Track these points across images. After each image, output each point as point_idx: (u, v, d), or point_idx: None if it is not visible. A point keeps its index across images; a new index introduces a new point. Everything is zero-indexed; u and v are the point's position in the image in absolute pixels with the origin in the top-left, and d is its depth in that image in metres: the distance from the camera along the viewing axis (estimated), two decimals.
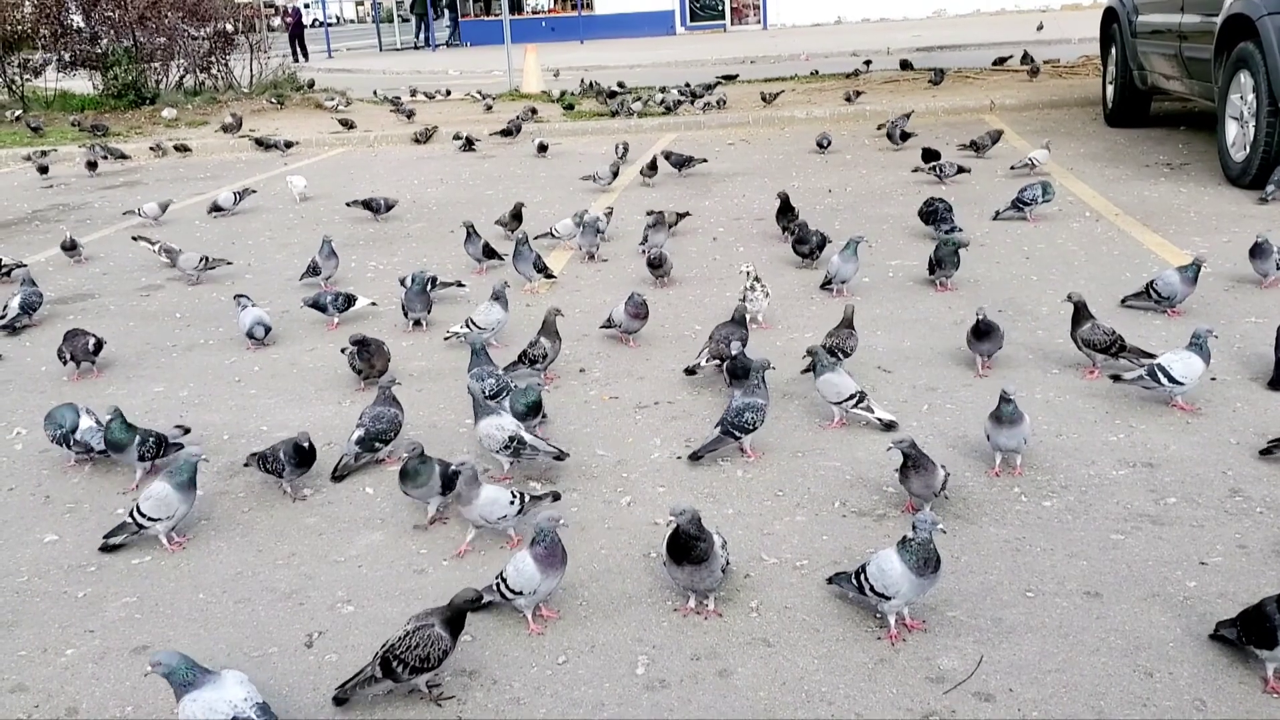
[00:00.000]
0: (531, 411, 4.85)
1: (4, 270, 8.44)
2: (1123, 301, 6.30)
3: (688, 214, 8.94)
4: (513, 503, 4.02)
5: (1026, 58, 18.10)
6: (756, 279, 6.32)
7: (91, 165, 13.65)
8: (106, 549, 4.23)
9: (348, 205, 10.14)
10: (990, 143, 11.07)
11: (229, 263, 8.38)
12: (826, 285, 6.96)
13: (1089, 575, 3.67)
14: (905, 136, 11.94)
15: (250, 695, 3.00)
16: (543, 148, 13.17)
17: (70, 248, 8.84)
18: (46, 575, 4.10)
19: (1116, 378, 5.12)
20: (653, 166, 11.12)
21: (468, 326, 6.23)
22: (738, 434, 4.64)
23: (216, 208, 10.66)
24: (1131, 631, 3.38)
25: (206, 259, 8.15)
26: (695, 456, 4.69)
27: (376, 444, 4.78)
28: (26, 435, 5.45)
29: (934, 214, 8.09)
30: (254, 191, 11.17)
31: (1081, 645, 3.33)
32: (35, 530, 4.47)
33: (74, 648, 3.64)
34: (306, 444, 4.56)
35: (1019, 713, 3.06)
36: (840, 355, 5.44)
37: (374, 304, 7.10)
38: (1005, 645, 3.36)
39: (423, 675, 3.20)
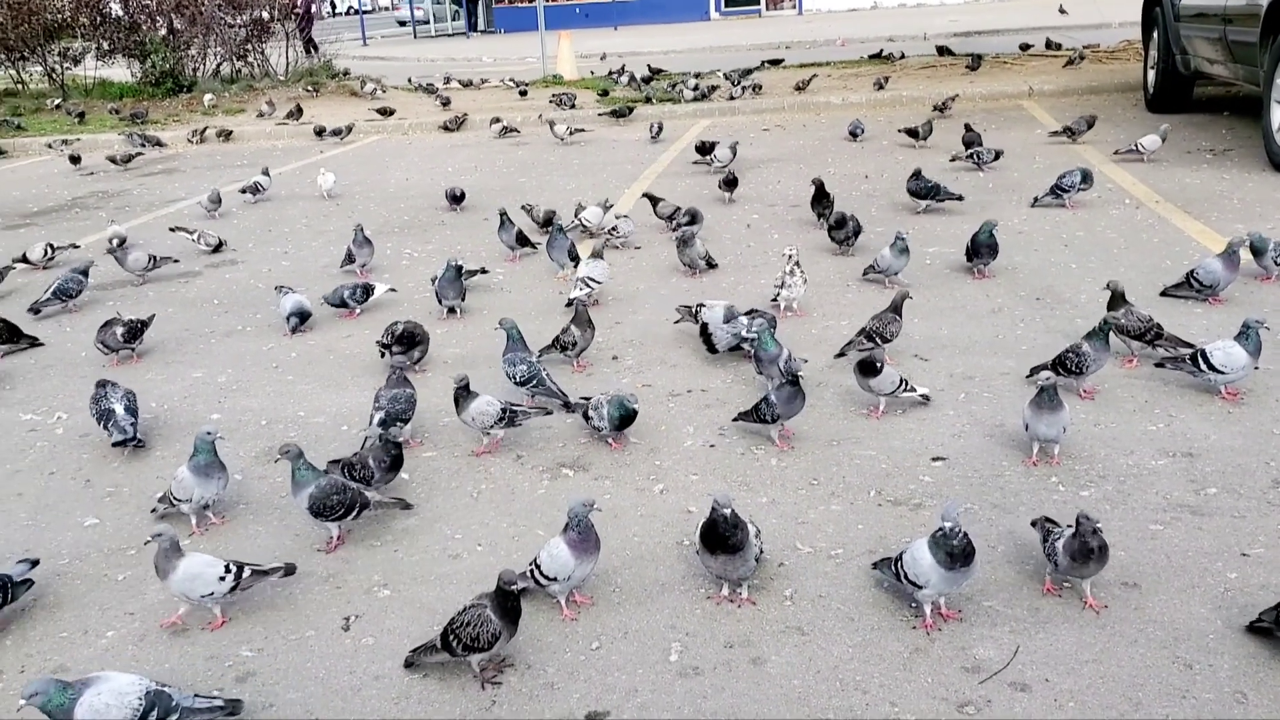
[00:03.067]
0: (625, 421, 4.72)
1: (49, 257, 8.54)
2: (1162, 292, 6.21)
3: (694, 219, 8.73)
4: (223, 578, 3.59)
5: (1051, 44, 17.88)
6: (797, 263, 6.29)
7: (116, 160, 13.54)
8: (156, 514, 4.42)
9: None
10: (1086, 127, 10.89)
11: (175, 260, 8.34)
12: (869, 273, 6.90)
13: (1127, 566, 3.63)
14: (916, 135, 11.63)
15: (139, 679, 3.05)
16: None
17: (119, 244, 8.91)
18: (87, 558, 4.16)
19: (1161, 364, 5.06)
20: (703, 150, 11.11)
21: (587, 284, 6.58)
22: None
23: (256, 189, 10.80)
24: (1170, 623, 3.35)
25: (154, 258, 8.06)
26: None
27: (397, 423, 4.81)
28: (67, 420, 5.52)
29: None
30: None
31: (1119, 636, 3.30)
32: (76, 514, 4.53)
33: (114, 630, 3.69)
34: (395, 447, 4.42)
35: (1055, 703, 3.04)
36: (879, 340, 5.42)
37: (393, 290, 7.13)
38: (1042, 635, 3.33)
39: (475, 655, 3.23)
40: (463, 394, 4.73)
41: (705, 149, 11.09)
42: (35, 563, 3.87)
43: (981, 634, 3.36)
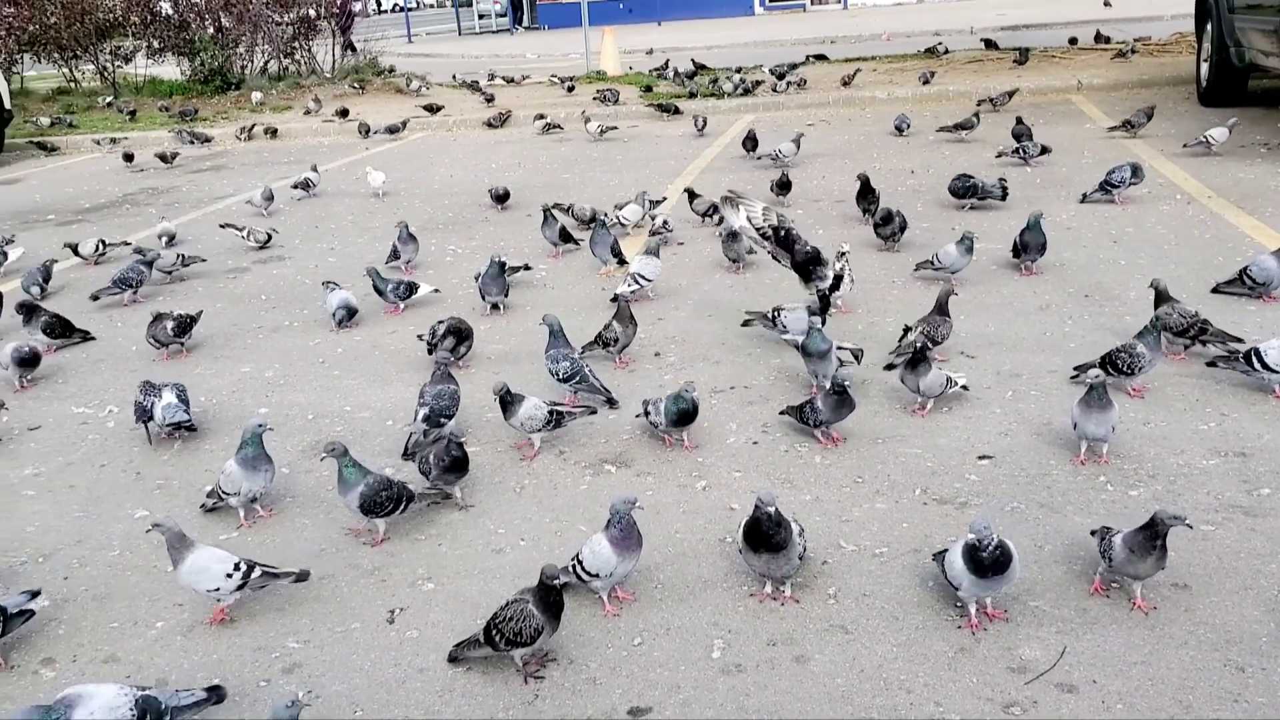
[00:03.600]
0: (684, 419, 4.67)
1: (101, 253, 8.67)
2: (1214, 288, 6.11)
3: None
4: (230, 575, 3.62)
5: (1100, 36, 17.65)
6: (847, 262, 6.24)
7: (165, 157, 13.70)
8: (206, 509, 4.48)
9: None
10: (1145, 120, 10.73)
11: (203, 259, 8.37)
12: (923, 268, 6.74)
13: (1177, 567, 3.57)
14: (967, 127, 11.53)
15: (122, 688, 3.01)
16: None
17: (170, 239, 9.03)
18: (137, 550, 4.22)
19: (1213, 363, 4.98)
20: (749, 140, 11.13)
21: (635, 281, 6.58)
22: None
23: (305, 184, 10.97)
24: (1222, 625, 3.29)
25: (182, 256, 8.15)
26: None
27: (441, 419, 4.84)
28: (118, 413, 5.61)
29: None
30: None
31: (1169, 638, 3.26)
32: (126, 506, 4.61)
33: (164, 620, 3.74)
34: (459, 448, 4.33)
35: (1103, 705, 3.00)
36: (929, 344, 5.37)
37: (436, 290, 7.11)
38: (1089, 636, 3.29)
39: (517, 649, 3.24)
40: (508, 398, 4.71)
41: (754, 143, 11.06)
42: (36, 594, 3.76)
43: (1028, 634, 3.33)
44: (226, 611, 3.71)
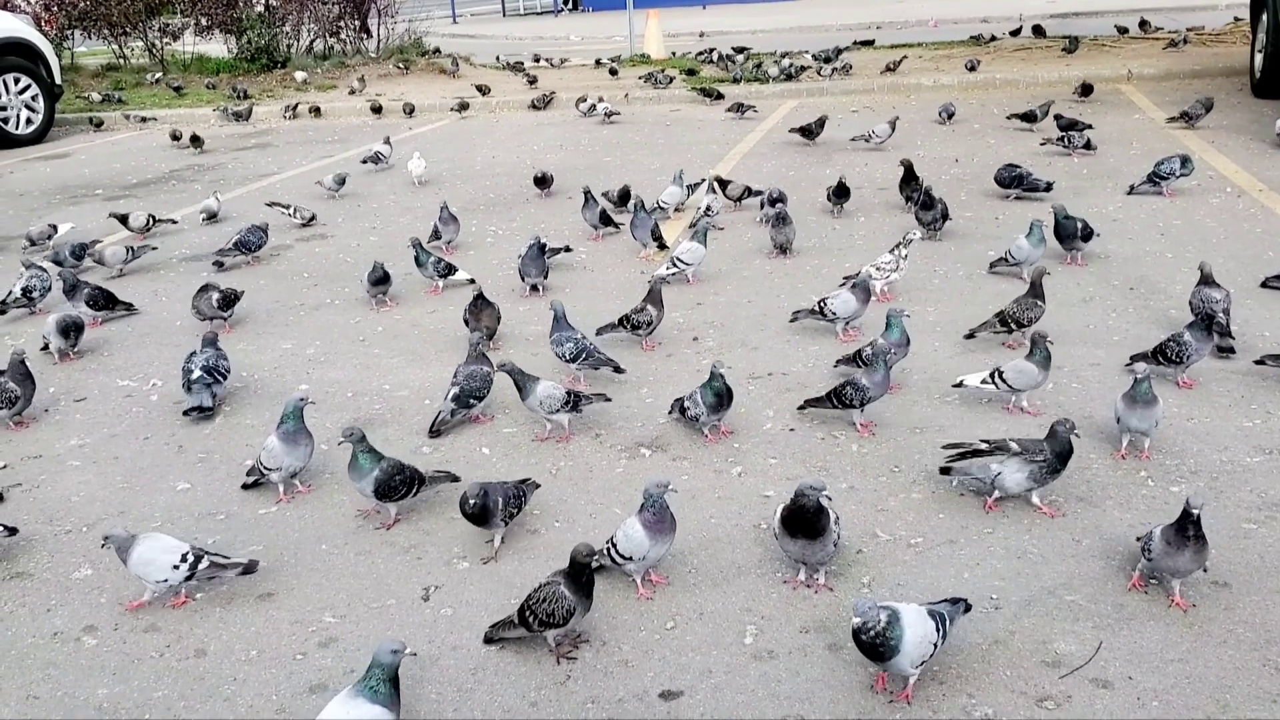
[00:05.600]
0: (721, 402, 4.59)
1: (149, 227, 8.77)
2: (1263, 283, 6.02)
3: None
4: (177, 567, 3.63)
5: (1145, 24, 17.36)
6: (906, 248, 6.19)
7: (195, 140, 13.27)
8: (246, 487, 4.52)
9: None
10: (1204, 111, 10.52)
11: (155, 248, 8.24)
12: (998, 265, 6.59)
13: (1218, 564, 3.53)
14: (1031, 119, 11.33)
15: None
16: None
17: (210, 216, 9.12)
18: (179, 522, 4.28)
19: (1261, 361, 4.91)
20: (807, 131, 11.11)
21: (675, 265, 6.62)
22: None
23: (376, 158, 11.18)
24: (1262, 624, 3.25)
25: (131, 249, 7.96)
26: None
27: (471, 400, 4.86)
28: (162, 386, 5.68)
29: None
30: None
31: (1207, 636, 3.22)
32: (169, 478, 4.67)
33: (203, 592, 3.79)
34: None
35: (1138, 701, 2.97)
36: (1014, 326, 5.35)
37: (472, 280, 6.96)
38: (1126, 632, 3.26)
39: (550, 630, 3.26)
40: (519, 379, 4.67)
41: (807, 131, 10.99)
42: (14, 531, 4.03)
43: (1063, 628, 3.30)
44: (188, 597, 3.73)
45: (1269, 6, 11.57)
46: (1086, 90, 12.50)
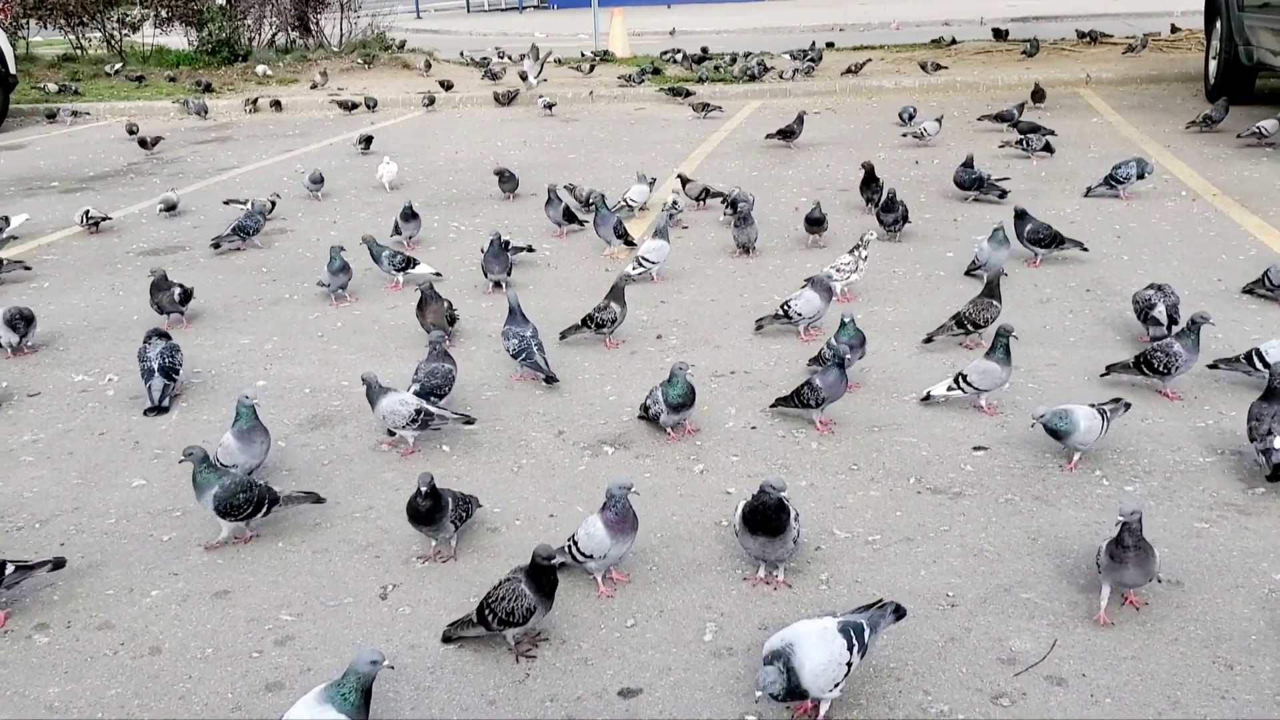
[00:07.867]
0: (683, 402, 4.58)
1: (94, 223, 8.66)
2: (1245, 289, 6.06)
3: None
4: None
5: (1082, 33, 17.57)
6: (866, 248, 6.21)
7: (143, 143, 12.48)
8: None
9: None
10: (1224, 114, 10.50)
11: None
12: (974, 270, 6.55)
13: (1170, 563, 3.58)
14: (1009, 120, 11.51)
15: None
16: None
17: (169, 208, 9.02)
18: (133, 518, 4.23)
19: (1215, 365, 4.97)
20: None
21: (640, 264, 6.65)
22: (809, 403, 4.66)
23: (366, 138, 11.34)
24: (1212, 622, 3.31)
25: None
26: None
27: (431, 398, 4.84)
28: (118, 381, 5.61)
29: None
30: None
31: (1159, 634, 3.27)
32: (124, 474, 4.61)
33: (159, 589, 3.75)
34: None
35: (1091, 699, 3.01)
36: (971, 327, 5.38)
37: (438, 275, 6.84)
38: (1080, 630, 3.30)
39: (510, 629, 3.25)
40: (371, 391, 4.58)
41: (788, 133, 10.97)
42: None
43: (1019, 626, 3.34)
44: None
45: (1223, 15, 11.75)
46: (1038, 95, 12.49)
